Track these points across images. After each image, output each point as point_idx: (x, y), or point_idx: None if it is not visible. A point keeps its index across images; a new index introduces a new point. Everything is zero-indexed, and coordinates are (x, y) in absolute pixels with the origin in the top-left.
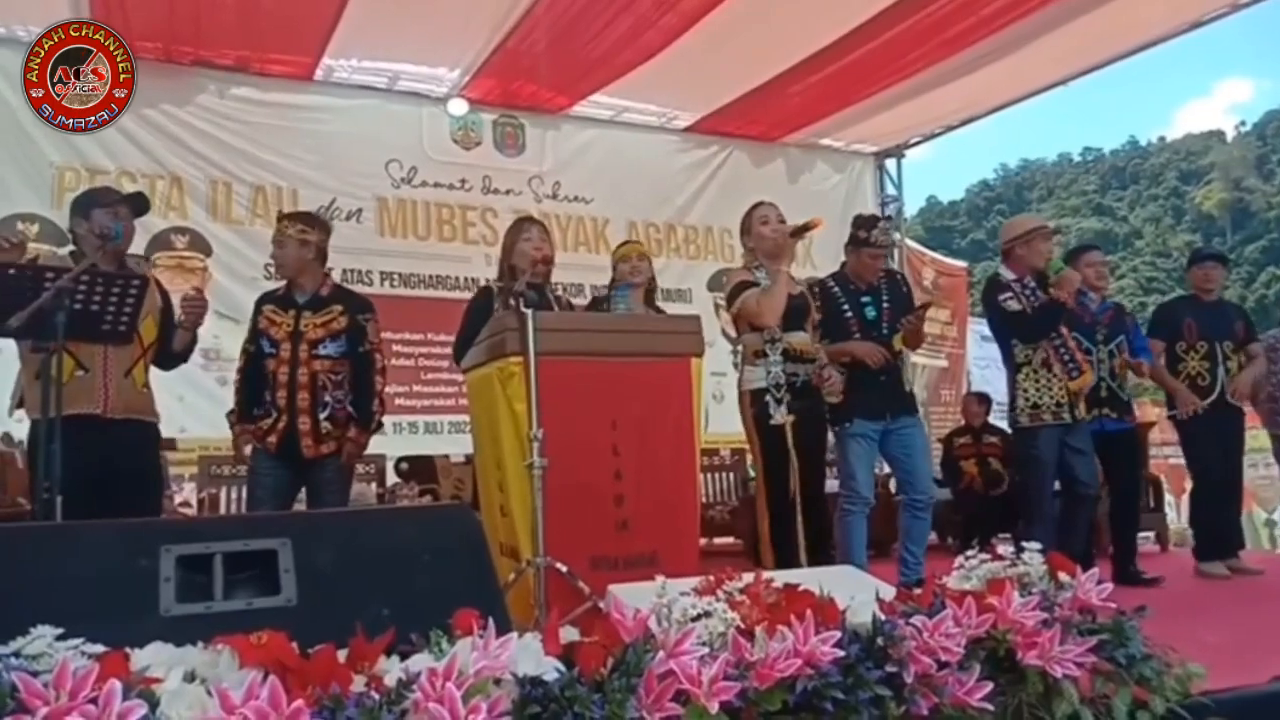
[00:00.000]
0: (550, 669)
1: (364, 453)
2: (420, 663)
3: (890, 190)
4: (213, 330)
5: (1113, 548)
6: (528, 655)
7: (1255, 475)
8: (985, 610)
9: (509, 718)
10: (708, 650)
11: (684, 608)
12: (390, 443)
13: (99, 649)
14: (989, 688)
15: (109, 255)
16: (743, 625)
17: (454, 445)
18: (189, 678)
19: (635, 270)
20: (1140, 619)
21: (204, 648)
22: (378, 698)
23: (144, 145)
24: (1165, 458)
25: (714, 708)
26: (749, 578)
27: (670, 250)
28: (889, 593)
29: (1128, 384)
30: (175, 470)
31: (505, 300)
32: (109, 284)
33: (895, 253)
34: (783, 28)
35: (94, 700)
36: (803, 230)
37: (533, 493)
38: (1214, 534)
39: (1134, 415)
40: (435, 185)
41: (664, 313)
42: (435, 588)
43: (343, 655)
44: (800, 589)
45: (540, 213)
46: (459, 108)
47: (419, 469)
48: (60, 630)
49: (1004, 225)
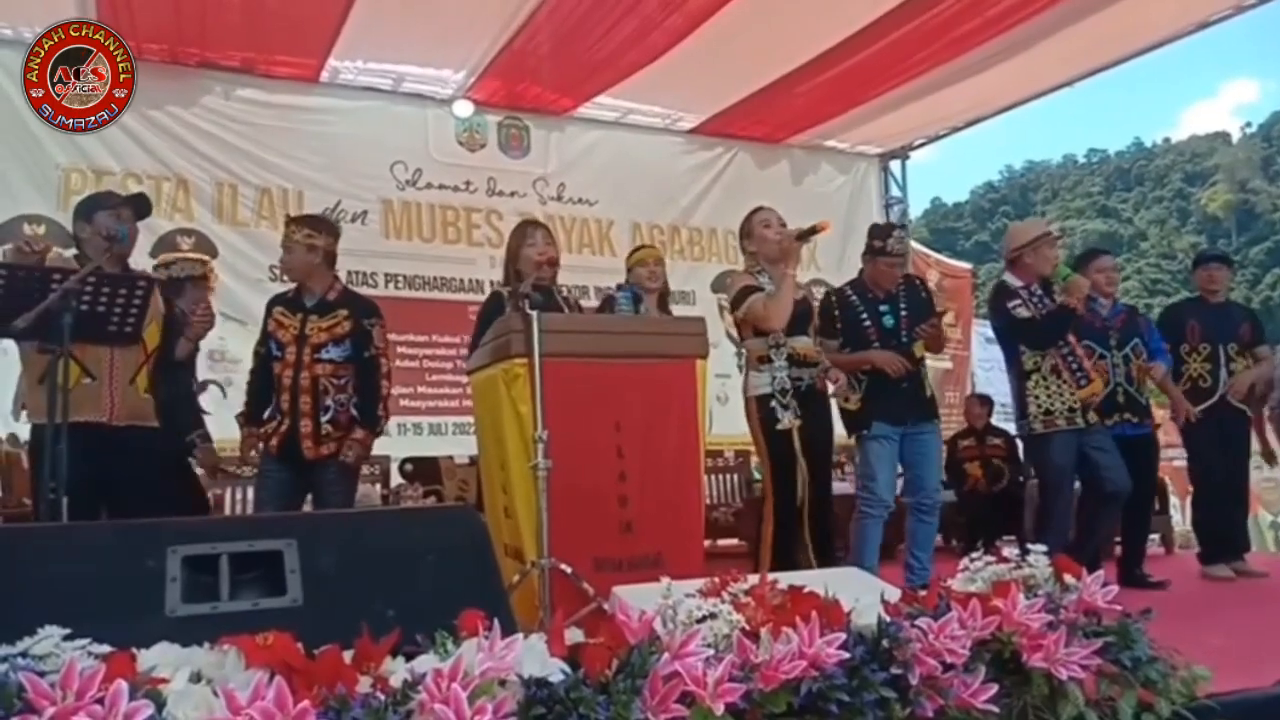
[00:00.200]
0: (555, 670)
1: (368, 454)
2: (426, 664)
3: (895, 192)
4: (218, 332)
5: (1121, 551)
6: (533, 656)
7: (1260, 478)
8: (990, 612)
9: (514, 719)
10: (713, 652)
11: (689, 609)
12: (395, 444)
13: (105, 649)
14: (994, 690)
15: (113, 258)
16: (748, 627)
17: (458, 447)
18: (195, 678)
19: (653, 275)
20: (1146, 621)
21: (210, 648)
22: (383, 699)
23: (149, 147)
24: (1170, 460)
25: (719, 709)
26: (754, 579)
27: (674, 252)
28: (894, 594)
29: (1145, 387)
30: None
31: (516, 304)
32: (115, 286)
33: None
34: (787, 29)
35: (100, 700)
36: (809, 234)
37: (537, 494)
38: (1217, 536)
39: (1152, 419)
40: (440, 187)
41: (669, 312)
42: (440, 589)
43: (348, 656)
44: (805, 591)
45: (545, 215)
46: (464, 109)
47: (423, 470)
48: (67, 630)
49: (1008, 232)
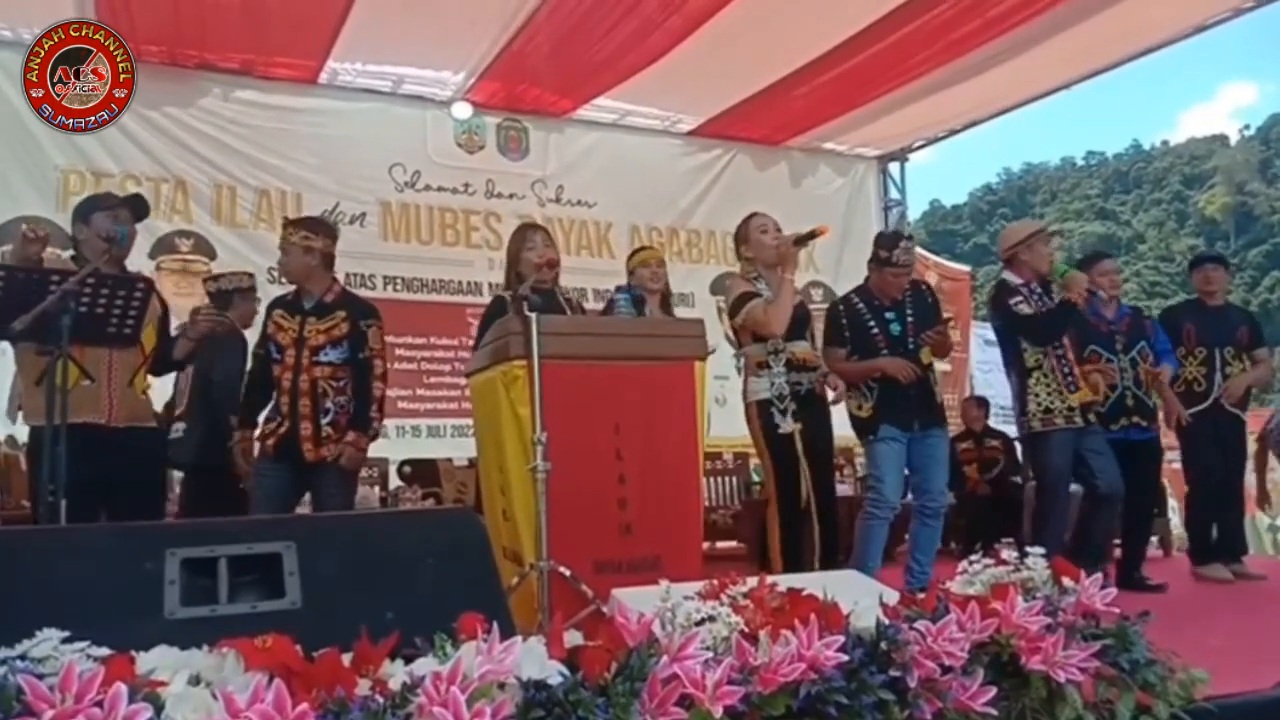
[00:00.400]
0: (554, 673)
1: (363, 456)
2: (425, 666)
3: (893, 194)
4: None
5: (1120, 553)
6: (532, 659)
7: (1272, 479)
8: (989, 615)
9: None
10: (712, 654)
11: (688, 612)
12: (393, 446)
13: (104, 652)
14: (992, 692)
15: (111, 260)
16: (747, 629)
17: (456, 449)
18: (194, 681)
19: (655, 276)
20: (1144, 624)
21: (209, 651)
22: (382, 701)
23: (148, 148)
24: (1169, 463)
25: (718, 712)
26: (753, 582)
27: (673, 254)
28: (892, 597)
29: (1152, 390)
30: (179, 473)
31: (516, 306)
32: (114, 287)
33: None
34: (786, 32)
35: (99, 703)
36: (807, 238)
37: (536, 496)
38: (1209, 538)
39: (1159, 422)
40: (439, 189)
41: (672, 313)
42: (439, 591)
43: (347, 659)
44: (804, 593)
45: (543, 217)
46: (463, 111)
47: (422, 472)
48: (66, 633)
49: (1003, 232)
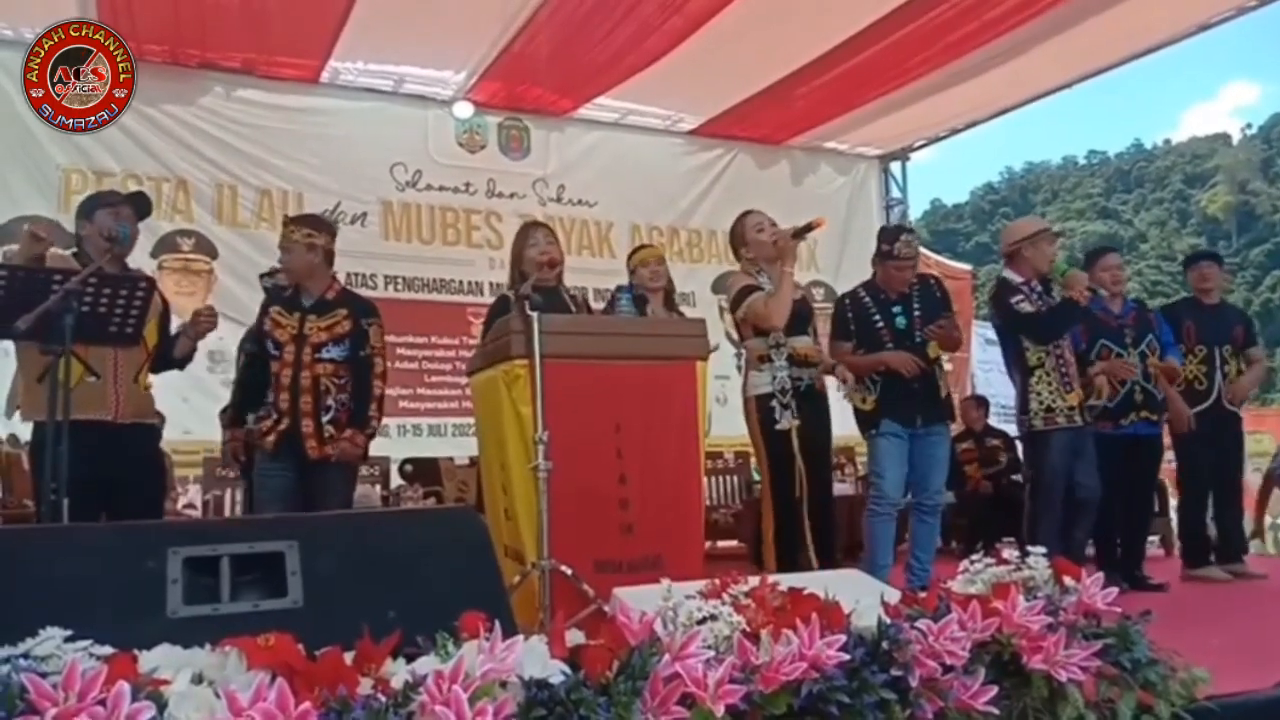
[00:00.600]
0: (556, 672)
1: (362, 454)
2: (427, 665)
3: (895, 193)
4: (218, 332)
5: (1121, 552)
6: (534, 658)
7: (1258, 479)
8: (990, 614)
9: None
10: (713, 653)
11: (689, 611)
12: (394, 445)
13: (107, 650)
14: (994, 692)
15: (113, 258)
16: (748, 629)
17: (458, 448)
18: (197, 679)
19: (655, 275)
20: (1145, 623)
21: (212, 650)
22: (384, 700)
23: (150, 148)
24: (1169, 461)
25: (719, 711)
26: (754, 581)
27: (674, 253)
28: (894, 596)
29: (1160, 384)
30: (180, 472)
31: (521, 307)
32: (116, 286)
33: None
34: (787, 31)
35: (103, 702)
36: (805, 231)
37: (537, 495)
38: (1202, 540)
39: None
40: (440, 189)
41: (683, 315)
42: (441, 590)
43: (349, 657)
44: (806, 593)
45: (544, 216)
46: (464, 110)
47: (423, 471)
48: (68, 632)
49: (1006, 229)
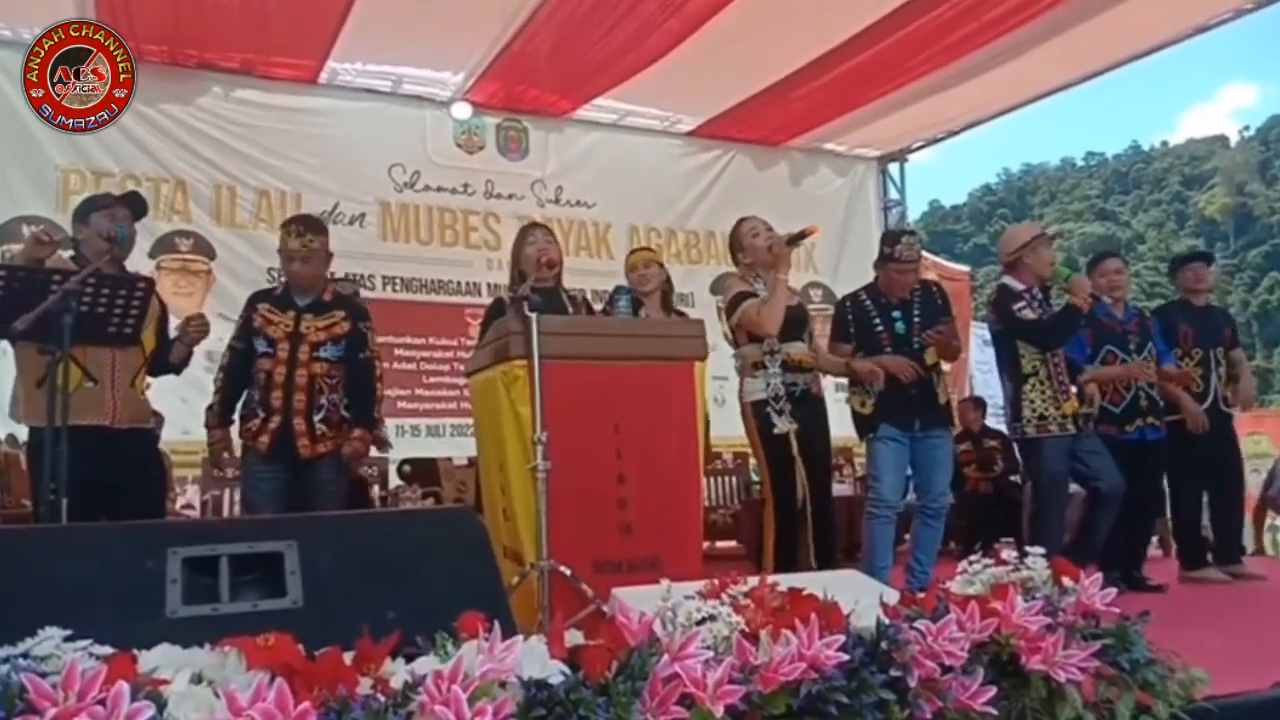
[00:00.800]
0: (555, 672)
1: (368, 454)
2: (426, 665)
3: (893, 194)
4: (216, 333)
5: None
6: (533, 658)
7: (1257, 481)
8: (989, 615)
9: None
10: (712, 654)
11: (688, 611)
12: (393, 445)
13: (106, 651)
14: (992, 692)
15: (112, 259)
16: (747, 629)
17: (456, 448)
18: (196, 679)
19: (643, 278)
20: (1144, 624)
21: (211, 650)
22: (384, 700)
23: (148, 148)
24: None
25: (719, 711)
26: (753, 581)
27: (671, 255)
28: (893, 597)
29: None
30: (179, 472)
31: (516, 307)
32: (115, 287)
33: None
34: (786, 33)
35: (102, 702)
36: (799, 238)
37: (536, 496)
38: (1199, 542)
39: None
40: (438, 189)
41: (684, 315)
42: (440, 590)
43: (349, 658)
44: (805, 593)
45: (542, 217)
46: (463, 111)
47: (421, 472)
48: (68, 631)
49: (1002, 238)
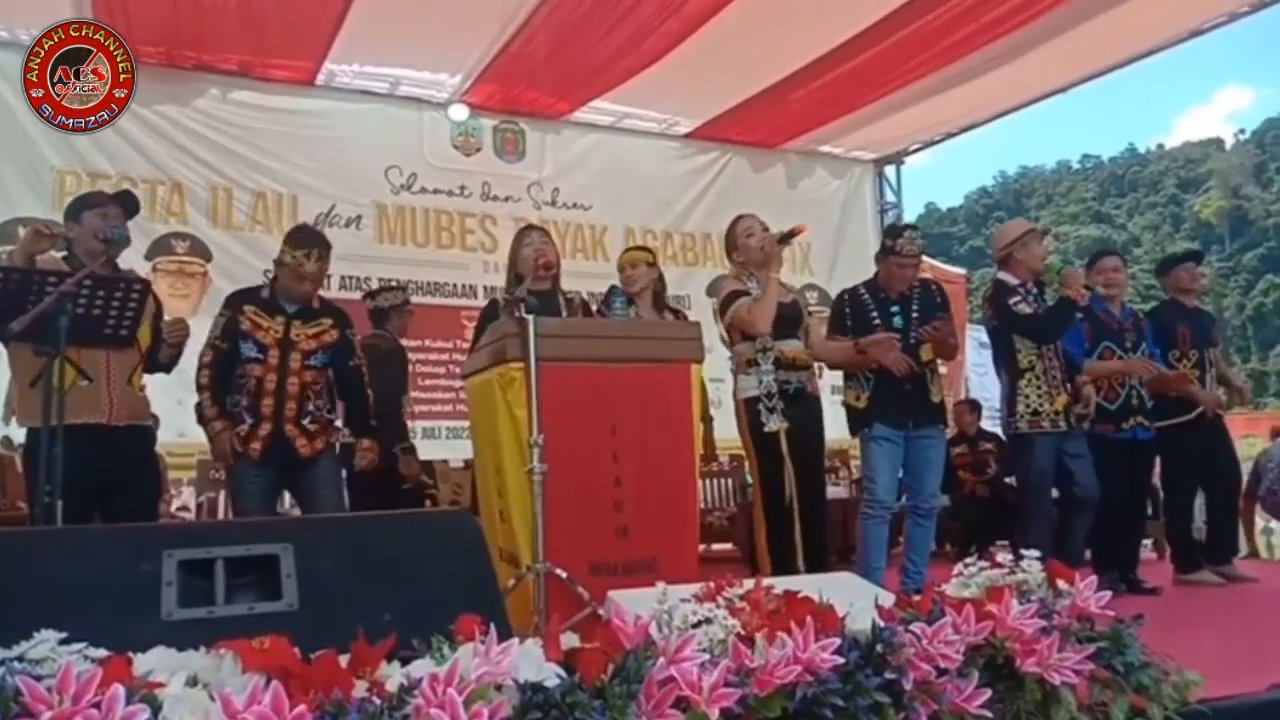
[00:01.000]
0: (551, 675)
1: (378, 463)
2: (422, 668)
3: (889, 197)
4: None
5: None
6: (529, 661)
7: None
8: (984, 617)
9: None
10: (708, 657)
11: (684, 614)
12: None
13: (102, 653)
14: (987, 695)
15: (107, 259)
16: (743, 632)
17: (452, 450)
18: (191, 682)
19: (631, 279)
20: (1138, 627)
21: (206, 652)
22: (380, 703)
23: (145, 150)
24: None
25: (714, 714)
26: (749, 584)
27: (668, 257)
28: (889, 599)
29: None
30: (174, 474)
31: (511, 310)
32: (111, 288)
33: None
34: (783, 35)
35: (97, 705)
36: (788, 237)
37: (532, 498)
38: (1192, 545)
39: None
40: (435, 192)
41: (680, 314)
42: (436, 593)
43: (344, 660)
44: (800, 596)
45: (539, 219)
46: (460, 113)
47: None
48: (63, 634)
49: (994, 234)
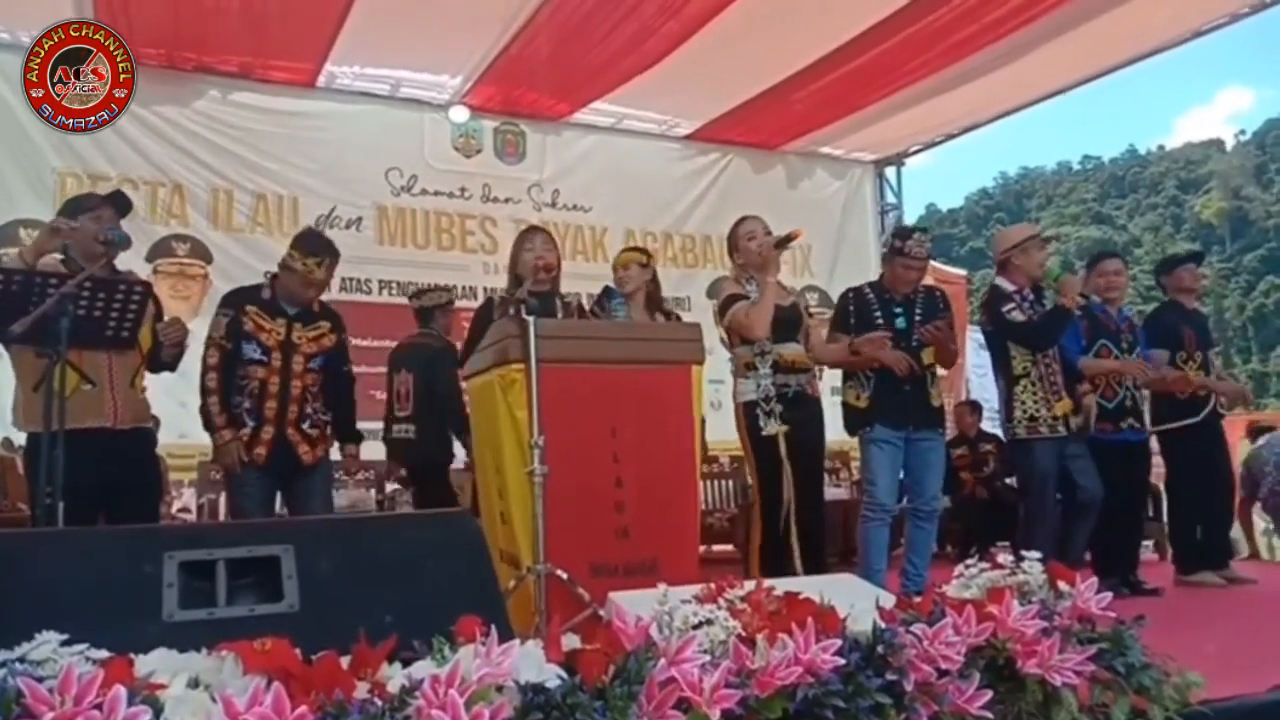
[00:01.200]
0: (552, 676)
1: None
2: (423, 669)
3: (890, 198)
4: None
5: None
6: (530, 662)
7: None
8: (985, 619)
9: None
10: (709, 658)
11: (685, 615)
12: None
13: (103, 655)
14: (988, 696)
15: (105, 263)
16: (744, 633)
17: None
18: (193, 684)
19: (622, 280)
20: (1139, 628)
21: (208, 654)
22: (381, 704)
23: (146, 152)
24: (1160, 466)
25: (715, 715)
26: (750, 586)
27: (668, 259)
28: (889, 601)
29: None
30: (175, 476)
31: (504, 309)
32: (112, 290)
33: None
34: (783, 36)
35: (99, 706)
36: (785, 241)
37: (533, 500)
38: (1195, 546)
39: (1145, 424)
40: (435, 193)
41: (676, 315)
42: (437, 594)
43: (346, 662)
44: (801, 597)
45: (539, 221)
46: (460, 115)
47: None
48: (65, 636)
49: (995, 237)
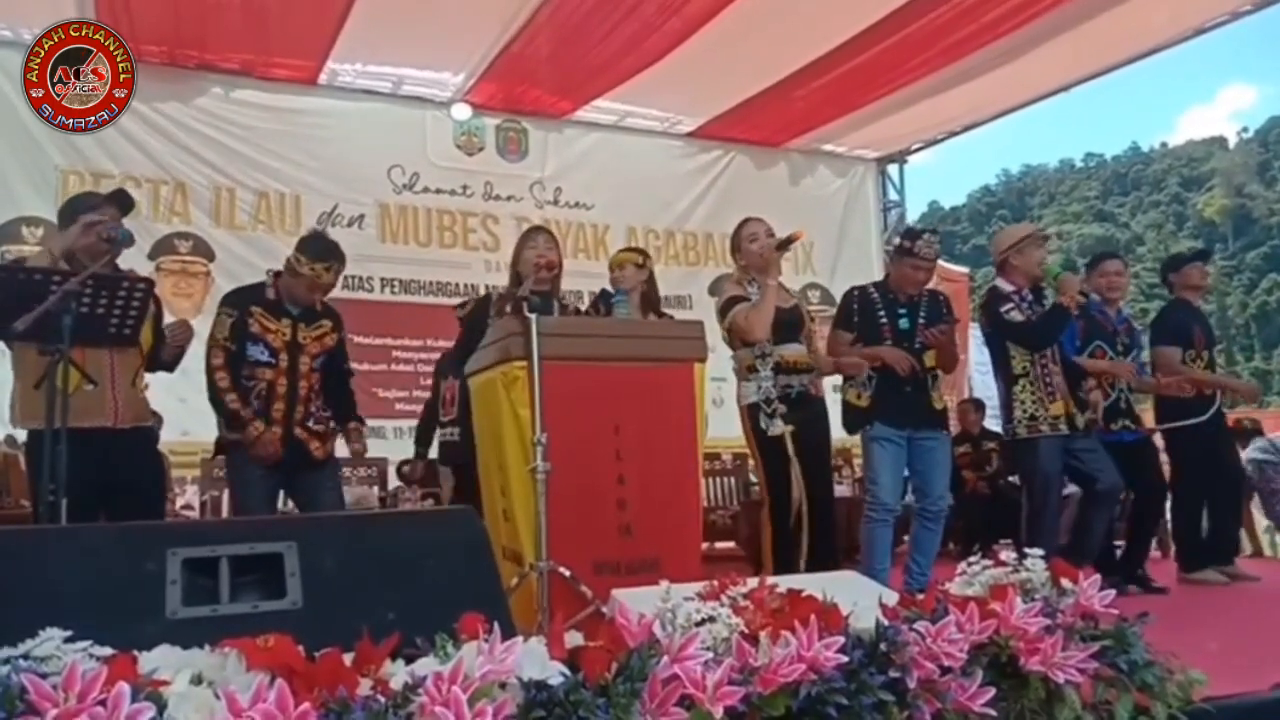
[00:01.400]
0: (555, 673)
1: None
2: (426, 666)
3: (892, 195)
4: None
5: (1123, 554)
6: (533, 659)
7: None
8: (988, 616)
9: None
10: (712, 655)
11: (688, 612)
12: (391, 446)
13: (107, 652)
14: (991, 693)
15: (108, 260)
16: (747, 630)
17: None
18: (196, 680)
19: (617, 280)
20: (1142, 625)
21: (211, 651)
22: (384, 701)
23: (148, 149)
24: (1167, 464)
25: (718, 713)
26: (753, 583)
27: (670, 257)
28: (892, 598)
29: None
30: (177, 473)
31: (500, 308)
32: (114, 287)
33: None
34: (786, 34)
35: (103, 703)
36: (786, 243)
37: (536, 497)
38: (1199, 544)
39: (1142, 424)
40: (437, 191)
41: (670, 317)
42: (440, 592)
43: (349, 659)
44: (804, 594)
45: (541, 219)
46: (462, 112)
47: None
48: (68, 633)
49: (995, 236)
